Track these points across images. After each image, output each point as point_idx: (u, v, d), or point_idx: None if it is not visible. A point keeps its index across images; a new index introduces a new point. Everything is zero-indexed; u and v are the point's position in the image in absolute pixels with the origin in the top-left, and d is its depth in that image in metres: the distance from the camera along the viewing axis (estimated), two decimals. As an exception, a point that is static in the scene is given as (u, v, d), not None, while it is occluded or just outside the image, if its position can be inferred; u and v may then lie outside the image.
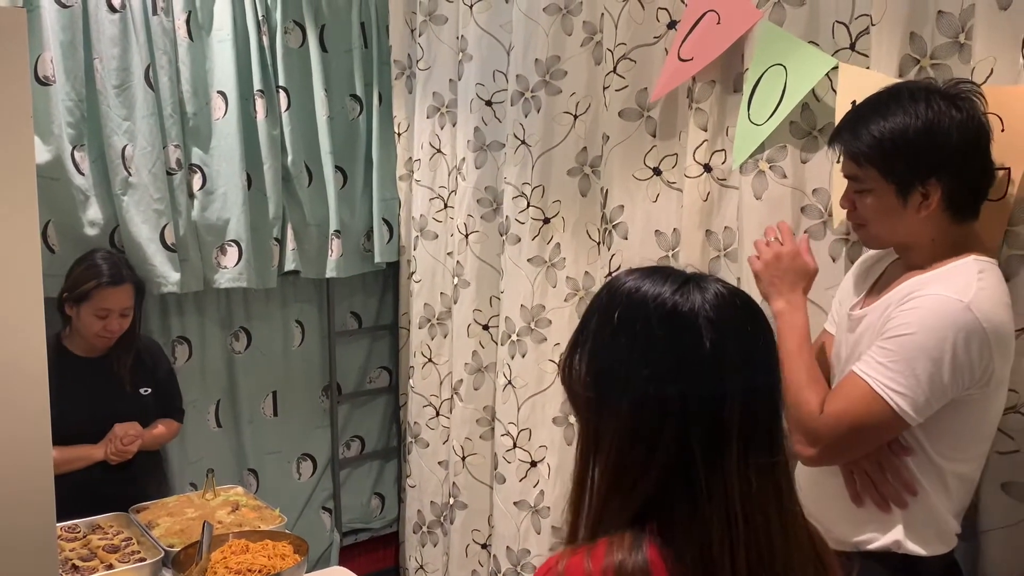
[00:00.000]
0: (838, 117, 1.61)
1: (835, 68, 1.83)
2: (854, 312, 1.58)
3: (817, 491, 1.54)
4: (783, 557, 0.90)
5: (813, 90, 1.88)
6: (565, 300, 2.58)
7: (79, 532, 2.05)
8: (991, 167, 1.48)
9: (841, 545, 1.50)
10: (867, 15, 1.79)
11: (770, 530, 0.90)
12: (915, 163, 1.44)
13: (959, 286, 1.39)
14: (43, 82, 2.41)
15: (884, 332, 1.43)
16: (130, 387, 2.45)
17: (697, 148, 2.12)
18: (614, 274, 0.98)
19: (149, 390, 2.50)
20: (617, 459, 0.90)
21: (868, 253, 1.70)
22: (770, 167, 1.96)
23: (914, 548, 1.47)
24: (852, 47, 1.85)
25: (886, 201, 1.47)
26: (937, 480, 1.46)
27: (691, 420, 0.88)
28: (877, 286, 1.60)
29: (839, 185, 1.64)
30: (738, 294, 0.95)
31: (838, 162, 1.59)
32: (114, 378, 2.42)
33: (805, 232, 1.90)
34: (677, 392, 0.88)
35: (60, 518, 2.08)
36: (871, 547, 1.50)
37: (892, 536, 1.48)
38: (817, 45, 1.89)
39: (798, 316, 1.61)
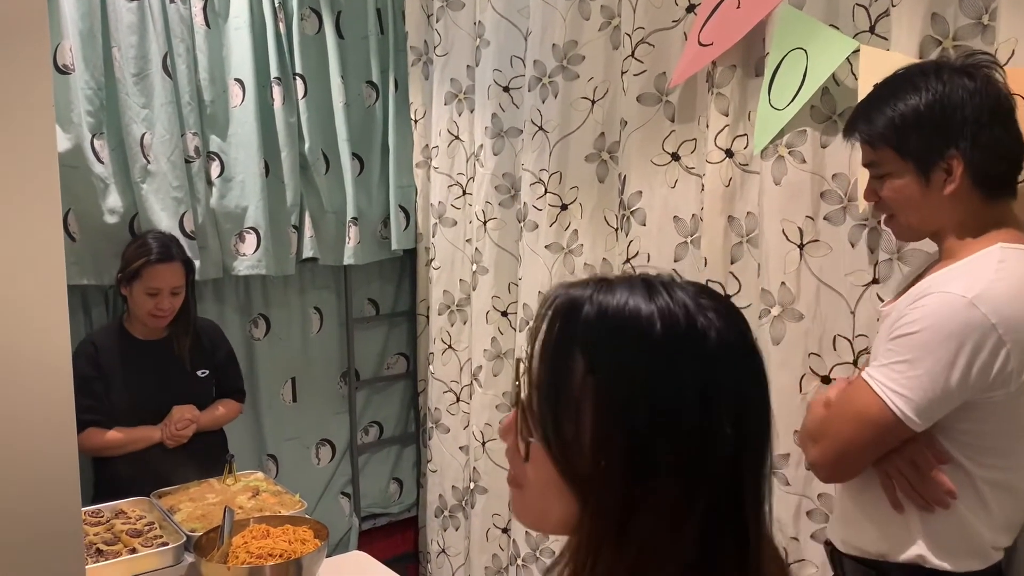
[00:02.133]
0: (859, 101, 1.57)
1: (856, 51, 1.80)
2: (883, 310, 1.52)
3: (844, 503, 1.53)
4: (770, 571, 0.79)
5: (833, 74, 1.86)
6: (583, 287, 2.57)
7: (103, 517, 2.07)
8: (1019, 135, 1.39)
9: (865, 554, 1.47)
10: (888, -3, 1.77)
11: (765, 540, 0.78)
12: (928, 136, 1.37)
13: (970, 281, 1.30)
14: (62, 71, 2.42)
15: (892, 331, 1.36)
16: (189, 369, 2.49)
17: (719, 133, 2.10)
18: (554, 303, 0.83)
19: (207, 372, 2.54)
20: (670, 498, 0.73)
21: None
22: (789, 152, 1.94)
23: (940, 563, 1.38)
24: (871, 30, 1.83)
25: (907, 182, 1.41)
26: (968, 488, 1.36)
27: (736, 422, 0.74)
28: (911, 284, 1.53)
29: (863, 175, 1.58)
30: (702, 284, 0.83)
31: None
32: (173, 360, 2.47)
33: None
34: (727, 393, 0.74)
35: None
36: (900, 559, 1.42)
37: (916, 550, 1.40)
38: (837, 28, 1.86)
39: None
